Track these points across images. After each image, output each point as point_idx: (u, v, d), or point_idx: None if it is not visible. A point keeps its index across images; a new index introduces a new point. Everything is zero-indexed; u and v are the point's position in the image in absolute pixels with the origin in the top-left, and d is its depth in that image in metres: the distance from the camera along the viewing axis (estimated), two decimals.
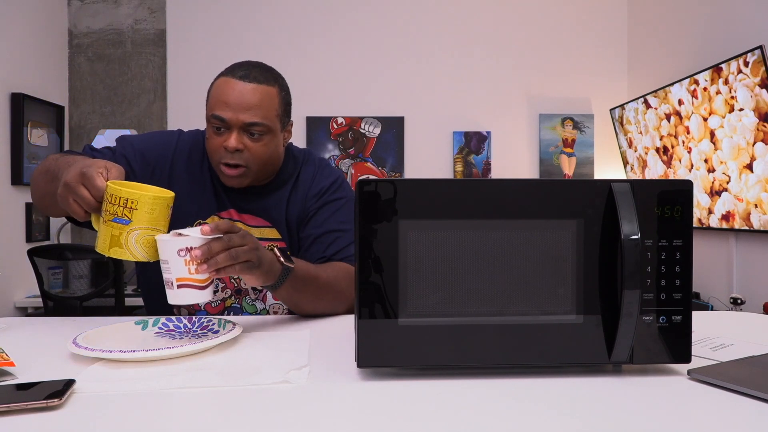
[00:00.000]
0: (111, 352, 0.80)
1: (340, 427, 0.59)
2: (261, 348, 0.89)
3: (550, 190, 0.75)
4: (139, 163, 1.26)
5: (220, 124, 1.19)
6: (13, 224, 3.17)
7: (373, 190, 0.73)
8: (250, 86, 1.19)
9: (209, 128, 1.22)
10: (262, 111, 1.19)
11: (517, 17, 3.82)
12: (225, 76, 1.21)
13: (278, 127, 1.24)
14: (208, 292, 0.90)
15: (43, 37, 3.49)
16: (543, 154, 3.83)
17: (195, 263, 0.88)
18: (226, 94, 1.18)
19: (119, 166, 1.01)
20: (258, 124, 1.19)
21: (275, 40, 3.76)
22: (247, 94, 1.18)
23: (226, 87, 1.19)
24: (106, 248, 0.93)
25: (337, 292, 1.16)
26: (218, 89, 1.20)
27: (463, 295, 0.74)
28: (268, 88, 1.21)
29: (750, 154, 2.50)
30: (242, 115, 1.17)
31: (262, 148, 1.22)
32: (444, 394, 0.69)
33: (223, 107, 1.18)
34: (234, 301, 1.26)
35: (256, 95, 1.19)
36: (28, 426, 0.59)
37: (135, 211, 0.89)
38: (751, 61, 2.44)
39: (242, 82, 1.19)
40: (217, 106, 1.19)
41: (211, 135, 1.21)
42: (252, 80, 1.19)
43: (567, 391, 0.69)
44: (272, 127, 1.22)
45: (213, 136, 1.21)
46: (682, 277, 0.74)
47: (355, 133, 3.79)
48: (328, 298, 1.15)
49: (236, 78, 1.19)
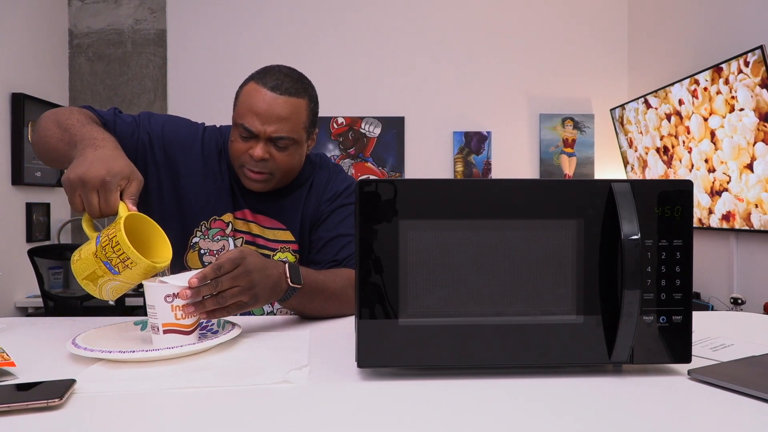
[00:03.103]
0: (110, 352, 0.80)
1: (340, 427, 0.59)
2: (261, 348, 0.89)
3: (551, 190, 0.75)
4: (159, 147, 1.24)
5: (247, 134, 1.18)
6: (13, 224, 3.17)
7: (373, 190, 0.73)
8: (281, 99, 1.17)
9: (235, 132, 1.21)
10: (291, 125, 1.18)
11: (517, 17, 3.82)
12: (256, 83, 1.19)
13: (304, 138, 1.24)
14: (194, 336, 0.89)
15: (44, 37, 3.50)
16: (543, 154, 3.83)
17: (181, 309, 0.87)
18: (256, 104, 1.16)
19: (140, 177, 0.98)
20: (285, 138, 1.18)
21: (276, 40, 3.76)
22: (277, 108, 1.16)
23: (256, 96, 1.17)
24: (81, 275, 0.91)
25: (344, 300, 1.15)
26: (248, 97, 1.18)
27: (464, 295, 0.74)
28: (298, 101, 1.19)
29: (750, 154, 2.50)
30: (270, 128, 1.17)
31: (287, 158, 1.21)
32: (444, 394, 0.69)
33: (252, 118, 1.16)
34: None
35: (285, 109, 1.17)
36: (29, 426, 0.59)
37: (128, 269, 0.88)
38: (752, 61, 2.44)
39: (273, 93, 1.17)
40: (246, 116, 1.17)
41: (237, 139, 1.20)
42: (283, 92, 1.17)
43: (567, 391, 0.69)
44: (299, 140, 1.21)
45: (239, 141, 1.20)
46: (683, 277, 0.74)
47: (355, 133, 3.79)
48: (335, 307, 1.15)
49: (267, 88, 1.17)
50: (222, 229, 1.27)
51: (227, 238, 1.27)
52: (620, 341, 0.73)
